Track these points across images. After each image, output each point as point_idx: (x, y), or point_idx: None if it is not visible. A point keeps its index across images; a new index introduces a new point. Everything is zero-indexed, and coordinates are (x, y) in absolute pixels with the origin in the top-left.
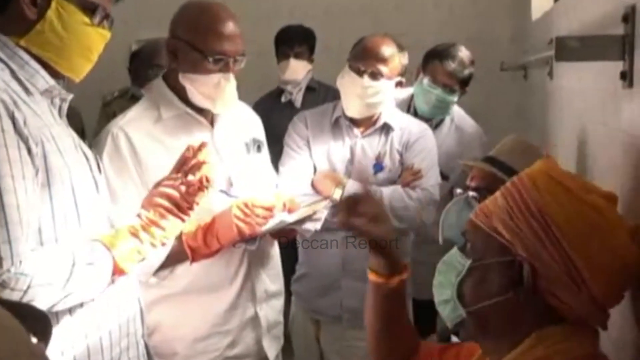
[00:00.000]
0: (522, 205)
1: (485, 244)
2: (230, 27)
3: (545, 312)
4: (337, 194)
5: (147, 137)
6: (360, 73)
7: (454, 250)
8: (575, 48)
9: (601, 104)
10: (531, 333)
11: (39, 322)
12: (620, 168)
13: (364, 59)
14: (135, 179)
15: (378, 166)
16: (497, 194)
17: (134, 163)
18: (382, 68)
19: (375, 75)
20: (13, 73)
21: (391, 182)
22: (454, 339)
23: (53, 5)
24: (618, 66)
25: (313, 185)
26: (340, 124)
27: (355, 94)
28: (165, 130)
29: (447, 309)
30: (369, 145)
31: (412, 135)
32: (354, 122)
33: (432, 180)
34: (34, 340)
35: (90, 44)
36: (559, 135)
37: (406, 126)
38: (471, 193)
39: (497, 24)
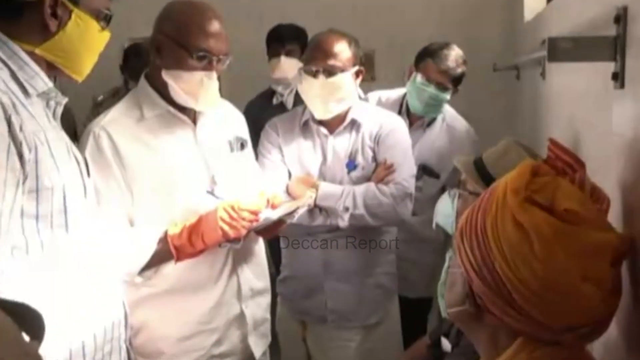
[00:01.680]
0: (474, 220)
1: (455, 252)
2: (215, 25)
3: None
4: (311, 198)
5: (130, 137)
6: (314, 74)
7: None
8: (568, 49)
9: (593, 105)
10: (512, 337)
11: (32, 321)
12: (612, 168)
13: (314, 59)
14: (118, 179)
15: (351, 164)
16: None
17: (117, 163)
18: (334, 63)
19: (329, 72)
20: (12, 73)
21: (366, 179)
22: (444, 341)
23: (73, 17)
24: (610, 67)
25: (288, 192)
26: (310, 127)
27: (316, 95)
28: (147, 129)
29: (442, 306)
30: (340, 145)
31: (383, 129)
32: (322, 123)
33: (405, 173)
34: (27, 339)
35: (98, 48)
36: (550, 136)
37: (377, 120)
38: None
39: (490, 24)
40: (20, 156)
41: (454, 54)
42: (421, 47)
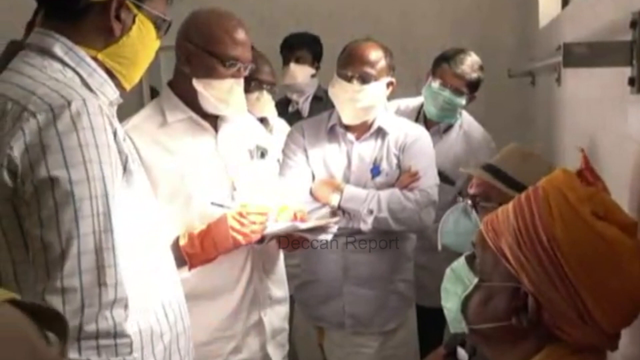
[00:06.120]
0: (532, 230)
1: (493, 265)
2: (242, 34)
3: (549, 336)
4: (334, 200)
5: (152, 142)
6: (348, 79)
7: (462, 261)
8: (583, 54)
9: (609, 110)
10: (537, 349)
11: (55, 322)
12: (629, 175)
13: (350, 64)
14: None
15: (375, 170)
16: (509, 207)
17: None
18: (370, 71)
19: (364, 79)
20: (83, 80)
21: (389, 185)
22: (460, 351)
23: (137, 21)
24: (626, 72)
25: (312, 193)
26: (336, 131)
27: (347, 100)
28: (169, 134)
29: (451, 316)
30: (365, 150)
31: (409, 138)
32: (349, 129)
33: (429, 181)
34: (52, 340)
35: (152, 56)
36: (566, 142)
37: (402, 129)
38: (468, 201)
39: (504, 30)
40: (124, 168)
41: (470, 59)
42: (435, 54)
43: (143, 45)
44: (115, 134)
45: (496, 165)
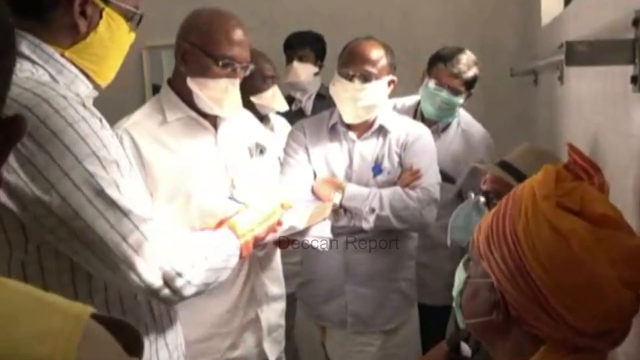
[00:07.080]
0: (501, 227)
1: (477, 261)
2: (240, 34)
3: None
4: (336, 199)
5: (152, 140)
6: (350, 78)
7: (464, 259)
8: (586, 52)
9: (612, 109)
10: (535, 347)
11: (130, 336)
12: (631, 172)
13: (351, 63)
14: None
15: (377, 169)
16: (495, 207)
17: (138, 166)
18: (371, 69)
19: (365, 78)
20: (52, 78)
21: (391, 184)
22: (464, 346)
23: (104, 16)
24: (628, 70)
25: (313, 192)
26: (337, 130)
27: (349, 99)
28: (169, 133)
29: (458, 315)
30: (366, 149)
31: (410, 136)
32: (350, 127)
33: (431, 179)
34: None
35: (126, 51)
36: (568, 140)
37: (403, 128)
38: (481, 198)
39: (506, 29)
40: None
41: (465, 57)
42: None
43: (113, 40)
44: (101, 120)
45: (510, 162)
